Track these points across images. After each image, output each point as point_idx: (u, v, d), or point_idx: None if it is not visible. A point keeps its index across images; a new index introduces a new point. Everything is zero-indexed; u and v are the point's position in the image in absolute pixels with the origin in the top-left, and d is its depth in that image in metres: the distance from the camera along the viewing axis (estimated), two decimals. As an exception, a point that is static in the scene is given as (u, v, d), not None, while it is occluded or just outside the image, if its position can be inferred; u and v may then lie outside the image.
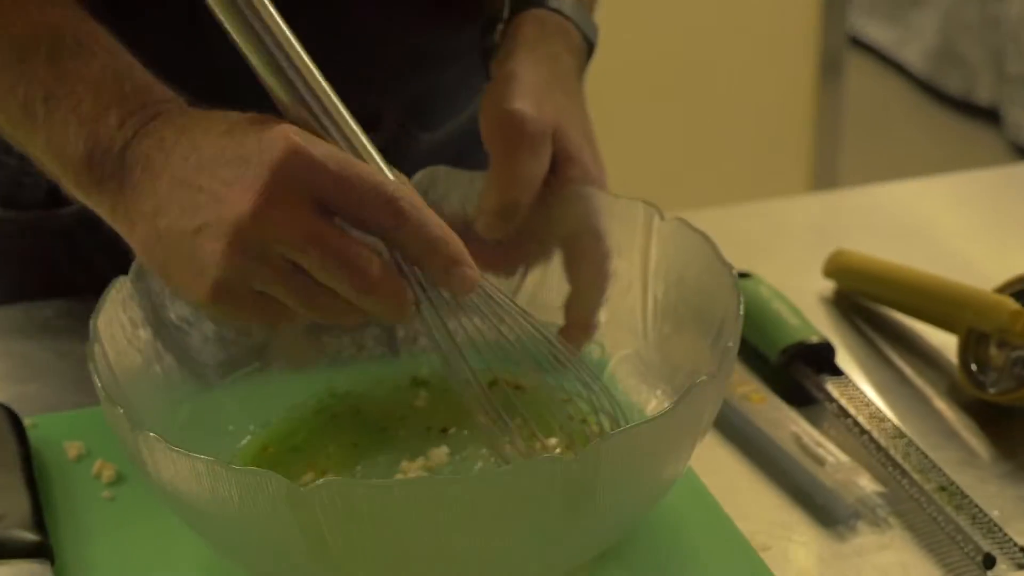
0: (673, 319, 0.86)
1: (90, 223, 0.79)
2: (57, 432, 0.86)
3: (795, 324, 0.96)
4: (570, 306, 0.86)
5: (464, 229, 0.82)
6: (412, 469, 0.81)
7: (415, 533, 0.66)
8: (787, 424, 0.88)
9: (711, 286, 0.81)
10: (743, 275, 1.02)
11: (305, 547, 0.67)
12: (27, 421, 0.87)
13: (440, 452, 0.81)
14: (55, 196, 0.97)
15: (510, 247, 0.86)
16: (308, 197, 0.68)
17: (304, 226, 0.68)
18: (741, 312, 0.78)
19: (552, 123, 0.84)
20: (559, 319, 0.86)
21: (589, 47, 0.96)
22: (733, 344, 0.75)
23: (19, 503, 0.77)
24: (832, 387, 0.92)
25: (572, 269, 0.87)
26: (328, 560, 0.68)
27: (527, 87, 0.85)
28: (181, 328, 0.83)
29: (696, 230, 0.83)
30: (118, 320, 0.79)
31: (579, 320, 0.86)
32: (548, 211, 0.85)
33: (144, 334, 0.80)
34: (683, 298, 0.85)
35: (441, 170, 0.88)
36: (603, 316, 0.87)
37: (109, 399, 0.70)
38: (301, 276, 0.70)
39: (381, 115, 1.05)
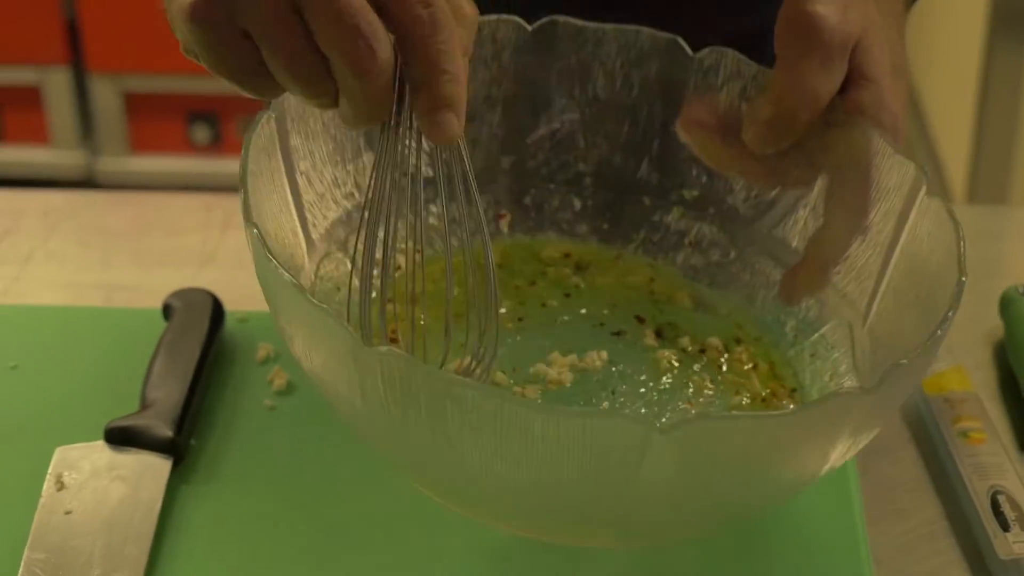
0: (900, 306, 0.76)
1: None
2: (260, 330, 0.88)
3: (1059, 360, 0.85)
4: (815, 242, 0.78)
5: (734, 125, 0.76)
6: (560, 364, 0.77)
7: (462, 439, 0.62)
8: (993, 474, 0.78)
9: (942, 287, 0.70)
10: (1032, 289, 0.91)
11: (363, 405, 0.64)
12: (239, 314, 0.89)
13: (597, 356, 0.78)
14: None
15: (775, 161, 0.78)
16: None
17: None
18: (940, 332, 0.67)
19: (855, 35, 0.75)
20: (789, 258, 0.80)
21: None
22: (909, 363, 0.64)
23: (170, 396, 0.80)
24: (1070, 442, 0.81)
25: (830, 203, 0.78)
26: (385, 428, 0.65)
27: None
28: None
29: (954, 218, 0.72)
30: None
31: (820, 259, 0.78)
32: (826, 134, 0.76)
33: None
34: (917, 287, 0.74)
35: (730, 54, 0.82)
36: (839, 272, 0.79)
37: (244, 177, 0.68)
38: (299, 30, 0.63)
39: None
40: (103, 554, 0.72)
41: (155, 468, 0.77)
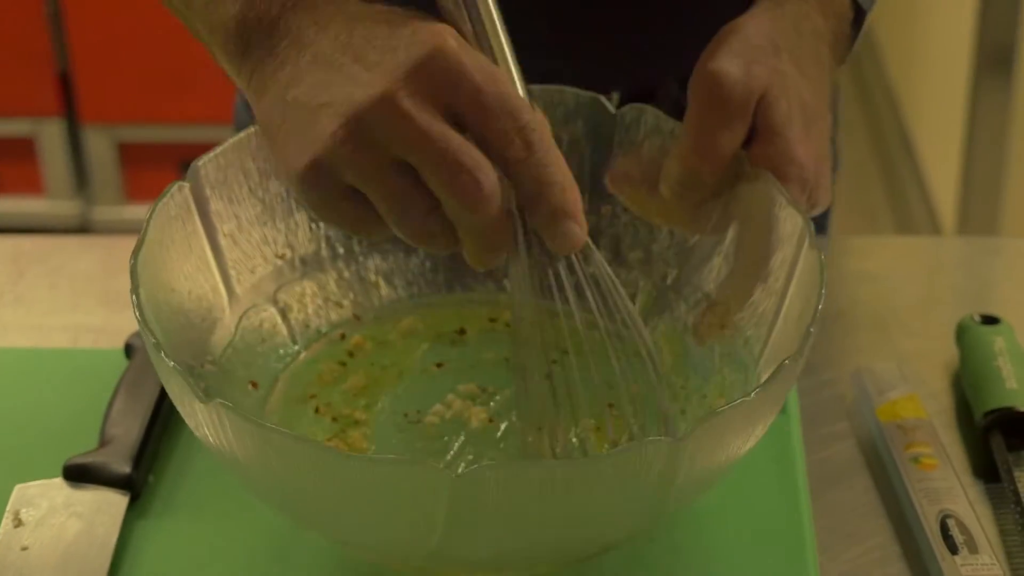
0: (776, 355, 0.75)
1: None
2: (222, 368, 0.89)
3: (1012, 387, 0.85)
4: (724, 287, 0.81)
5: (658, 177, 0.78)
6: (445, 412, 0.80)
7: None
8: (944, 499, 0.79)
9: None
10: (991, 320, 0.91)
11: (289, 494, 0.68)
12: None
13: (479, 412, 0.79)
14: None
15: (696, 210, 0.79)
16: (442, 101, 0.66)
17: (428, 123, 0.65)
18: (759, 390, 0.66)
19: (758, 89, 0.76)
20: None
21: (858, 14, 0.84)
22: (721, 414, 0.64)
23: (129, 433, 0.81)
24: (1020, 467, 0.81)
25: (738, 251, 0.80)
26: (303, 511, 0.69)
27: (743, 45, 0.77)
28: None
29: (821, 275, 0.72)
30: (241, 167, 0.79)
31: (727, 304, 0.80)
32: (735, 185, 0.78)
33: (275, 187, 0.81)
34: (788, 338, 0.75)
35: (648, 110, 0.83)
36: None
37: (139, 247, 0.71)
38: (402, 180, 0.67)
39: (655, 90, 1.01)
40: (58, 589, 0.73)
41: (112, 504, 0.78)
